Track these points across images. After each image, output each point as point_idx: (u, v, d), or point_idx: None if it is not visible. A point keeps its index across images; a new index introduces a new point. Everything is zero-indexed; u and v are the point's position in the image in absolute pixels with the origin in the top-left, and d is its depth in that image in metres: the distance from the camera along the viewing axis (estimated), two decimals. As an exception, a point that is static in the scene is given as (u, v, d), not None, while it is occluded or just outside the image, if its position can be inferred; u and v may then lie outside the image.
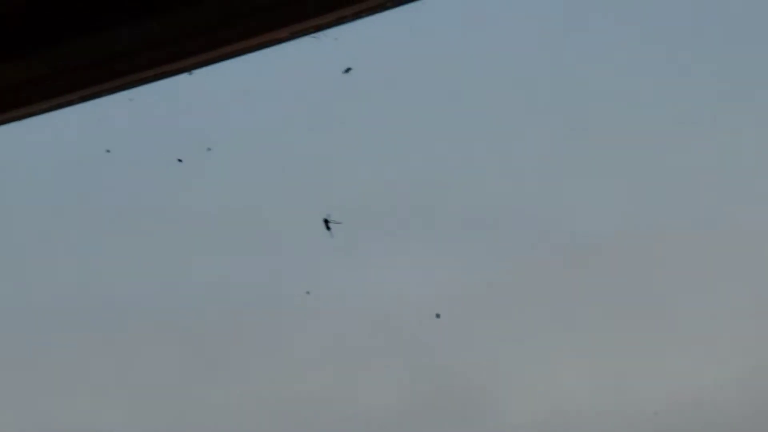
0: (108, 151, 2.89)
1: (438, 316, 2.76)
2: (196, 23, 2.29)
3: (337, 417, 2.85)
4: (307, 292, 2.86)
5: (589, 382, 2.72)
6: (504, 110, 2.76)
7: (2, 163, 2.95)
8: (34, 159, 2.96)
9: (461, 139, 2.80)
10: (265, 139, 2.90)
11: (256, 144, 2.90)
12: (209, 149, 2.85)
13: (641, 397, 2.67)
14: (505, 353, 2.76)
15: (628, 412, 2.67)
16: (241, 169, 2.91)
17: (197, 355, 2.95)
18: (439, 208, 2.81)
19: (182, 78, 2.44)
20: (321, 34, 2.37)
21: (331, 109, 2.84)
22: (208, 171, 2.89)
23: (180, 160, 2.84)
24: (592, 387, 2.72)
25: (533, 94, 2.76)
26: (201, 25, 2.30)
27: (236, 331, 2.93)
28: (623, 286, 2.70)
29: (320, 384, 2.88)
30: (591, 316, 2.72)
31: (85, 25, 2.25)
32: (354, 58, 2.72)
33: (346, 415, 2.84)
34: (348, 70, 2.75)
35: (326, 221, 2.81)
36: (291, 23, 2.30)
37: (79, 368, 3.00)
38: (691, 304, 2.66)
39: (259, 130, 2.90)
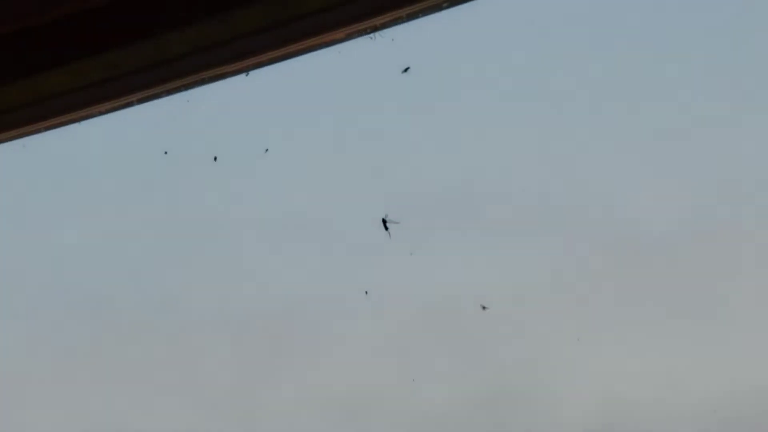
0: (166, 152, 2.91)
1: (484, 308, 2.76)
2: (252, 25, 2.30)
3: (395, 412, 2.85)
4: (366, 292, 2.86)
5: (646, 376, 2.70)
6: (561, 107, 2.75)
7: (64, 165, 2.98)
8: (94, 160, 2.99)
9: (518, 136, 2.79)
10: (321, 139, 2.91)
11: (312, 145, 2.91)
12: (266, 150, 2.86)
13: (700, 392, 2.65)
14: (562, 347, 2.75)
15: (687, 407, 2.65)
16: (298, 169, 2.92)
17: (258, 354, 2.96)
18: (496, 205, 2.80)
19: (239, 79, 2.46)
20: (377, 35, 2.37)
21: (388, 108, 2.84)
22: (265, 172, 2.90)
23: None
24: (650, 381, 2.70)
25: (590, 90, 2.74)
26: (257, 26, 2.31)
27: (295, 331, 2.94)
28: (682, 280, 2.68)
29: (378, 381, 2.88)
30: (649, 310, 2.70)
31: (142, 28, 2.26)
32: (411, 58, 2.73)
33: (403, 410, 2.84)
34: (406, 69, 2.75)
35: (384, 221, 2.81)
36: (347, 24, 2.30)
37: (147, 369, 3.03)
38: (751, 298, 2.64)
39: (315, 131, 2.91)
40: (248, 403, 2.96)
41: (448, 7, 2.21)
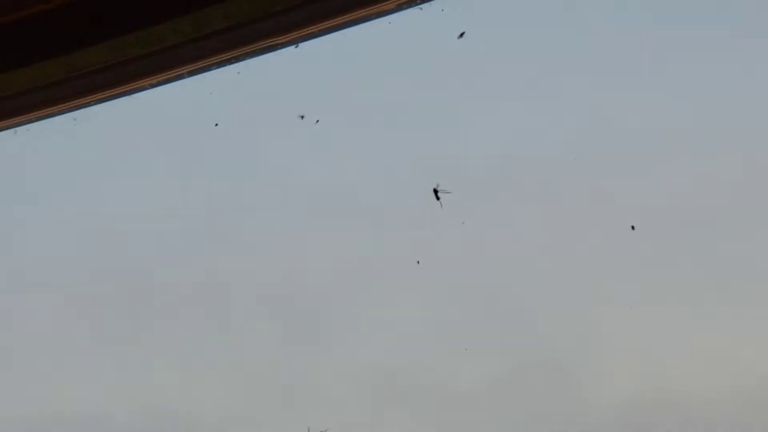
0: (216, 124, 2.91)
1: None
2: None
3: (439, 387, 2.85)
4: (418, 262, 2.85)
5: (691, 358, 2.68)
6: (609, 80, 2.73)
7: (118, 138, 3.00)
8: (143, 133, 3.00)
9: (570, 109, 2.77)
10: (372, 111, 2.90)
11: (363, 117, 2.90)
12: (317, 121, 2.86)
13: (742, 373, 2.63)
14: (608, 327, 2.74)
15: (729, 387, 2.63)
16: (349, 142, 2.91)
17: (301, 329, 2.97)
18: (547, 178, 2.78)
19: (289, 51, 2.44)
20: (426, 6, 2.35)
21: (438, 80, 2.83)
22: (317, 142, 2.89)
23: (302, 117, 2.84)
24: (694, 363, 2.68)
25: (638, 67, 2.72)
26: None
27: (337, 306, 2.95)
28: (728, 262, 2.66)
29: (424, 355, 2.88)
30: (694, 291, 2.68)
31: (188, 1, 2.26)
32: (461, 28, 2.71)
33: (447, 385, 2.84)
34: (462, 34, 2.73)
35: (435, 191, 2.79)
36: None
37: (188, 344, 3.04)
38: None
39: (365, 103, 2.90)
40: (289, 378, 2.97)
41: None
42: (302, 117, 2.80)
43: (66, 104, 2.48)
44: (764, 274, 2.62)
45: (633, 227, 2.71)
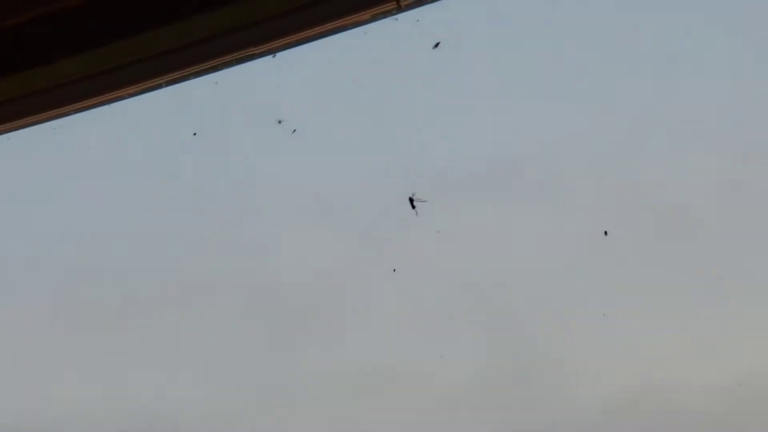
0: (195, 134, 2.93)
1: (413, 202, 2.77)
2: (279, 7, 2.32)
3: (421, 388, 2.87)
4: (394, 270, 2.88)
5: (676, 352, 2.71)
6: (589, 79, 2.76)
7: (94, 147, 3.01)
8: (124, 142, 3.01)
9: (546, 109, 2.80)
10: (347, 119, 2.92)
11: (339, 124, 2.92)
12: (294, 131, 2.88)
13: (726, 367, 2.66)
14: (590, 323, 2.76)
15: (712, 383, 2.66)
16: (325, 149, 2.93)
17: (283, 330, 2.99)
18: (523, 179, 2.81)
19: (266, 60, 2.47)
20: (402, 16, 2.38)
21: (413, 87, 2.85)
22: (293, 151, 2.91)
23: (280, 122, 2.87)
24: (680, 358, 2.71)
25: (619, 65, 2.74)
26: (284, 9, 2.33)
27: (322, 307, 2.97)
28: (713, 256, 2.68)
29: (404, 356, 2.91)
30: (677, 284, 2.71)
31: (170, 12, 2.28)
32: (435, 37, 2.74)
33: (429, 385, 2.87)
34: (437, 45, 2.77)
35: (411, 200, 2.82)
36: (372, 5, 2.32)
37: (172, 343, 3.06)
38: None
39: (341, 111, 2.92)
40: (272, 378, 2.98)
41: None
42: (280, 122, 2.83)
43: (47, 113, 2.51)
44: (748, 270, 2.66)
45: (606, 233, 2.75)
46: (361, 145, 2.90)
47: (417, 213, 2.83)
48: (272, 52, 2.48)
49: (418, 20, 2.52)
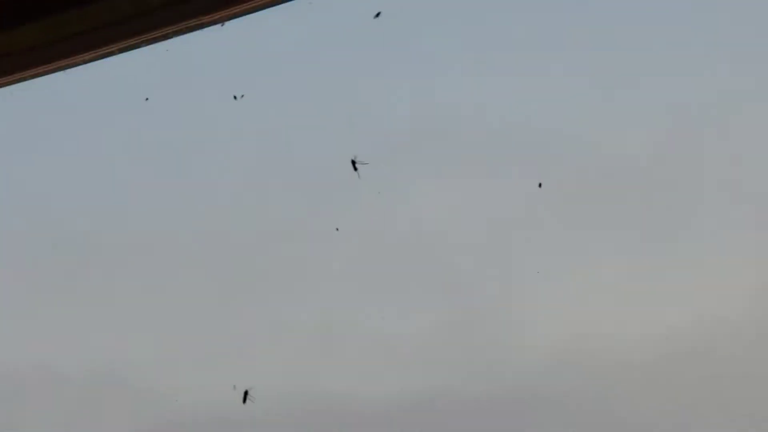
0: (147, 99, 2.97)
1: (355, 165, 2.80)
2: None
3: (364, 342, 2.93)
4: (336, 229, 2.94)
5: (608, 306, 2.74)
6: (525, 41, 2.77)
7: (51, 112, 3.02)
8: (79, 106, 3.03)
9: (486, 71, 2.82)
10: (293, 85, 2.95)
11: (285, 90, 2.95)
12: (242, 96, 2.92)
13: (657, 321, 2.70)
14: (529, 278, 2.81)
15: (643, 336, 2.69)
16: (273, 114, 2.96)
17: (229, 284, 3.01)
18: (463, 140, 2.86)
19: (214, 29, 2.53)
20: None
21: (357, 53, 2.88)
22: (240, 117, 2.94)
23: (235, 97, 2.88)
24: (612, 311, 2.74)
25: (554, 27, 2.77)
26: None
27: (266, 264, 2.98)
28: (647, 211, 2.72)
29: (347, 313, 2.96)
30: (614, 241, 2.74)
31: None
32: (380, 5, 2.77)
33: (372, 341, 2.92)
34: (378, 15, 2.81)
35: (353, 162, 2.89)
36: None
37: (125, 301, 3.08)
38: (717, 227, 2.65)
39: (287, 77, 2.95)
40: (222, 334, 3.04)
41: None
42: (236, 97, 2.87)
43: (6, 78, 2.54)
44: (681, 225, 2.70)
45: (540, 185, 2.79)
46: (303, 112, 2.94)
47: (359, 175, 2.87)
48: (220, 21, 2.53)
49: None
